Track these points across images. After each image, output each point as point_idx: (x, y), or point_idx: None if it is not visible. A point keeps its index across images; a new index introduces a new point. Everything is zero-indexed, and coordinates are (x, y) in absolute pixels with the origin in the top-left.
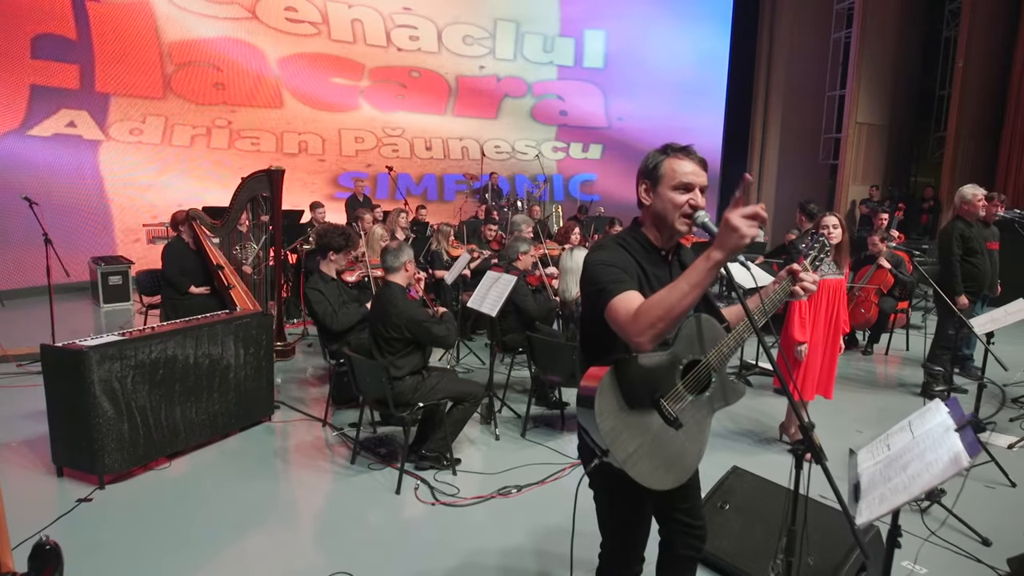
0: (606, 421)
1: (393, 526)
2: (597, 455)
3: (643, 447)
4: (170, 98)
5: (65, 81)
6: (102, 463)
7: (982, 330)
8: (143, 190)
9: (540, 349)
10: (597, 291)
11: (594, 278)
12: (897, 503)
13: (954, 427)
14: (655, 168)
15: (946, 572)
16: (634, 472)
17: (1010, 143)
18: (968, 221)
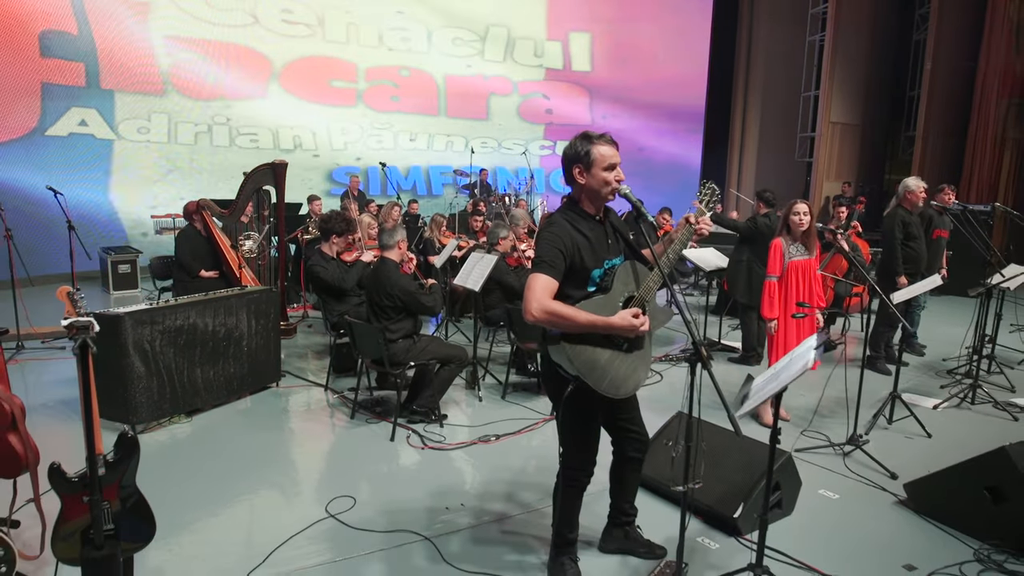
0: (574, 353)
1: (388, 465)
2: (569, 382)
3: (602, 368)
4: (170, 94)
5: (73, 78)
6: (134, 414)
7: (898, 300)
8: (151, 183)
9: (518, 320)
10: (536, 259)
11: (538, 249)
12: (766, 395)
13: (814, 346)
14: (587, 154)
15: (854, 498)
16: (600, 387)
17: (975, 142)
18: (909, 209)
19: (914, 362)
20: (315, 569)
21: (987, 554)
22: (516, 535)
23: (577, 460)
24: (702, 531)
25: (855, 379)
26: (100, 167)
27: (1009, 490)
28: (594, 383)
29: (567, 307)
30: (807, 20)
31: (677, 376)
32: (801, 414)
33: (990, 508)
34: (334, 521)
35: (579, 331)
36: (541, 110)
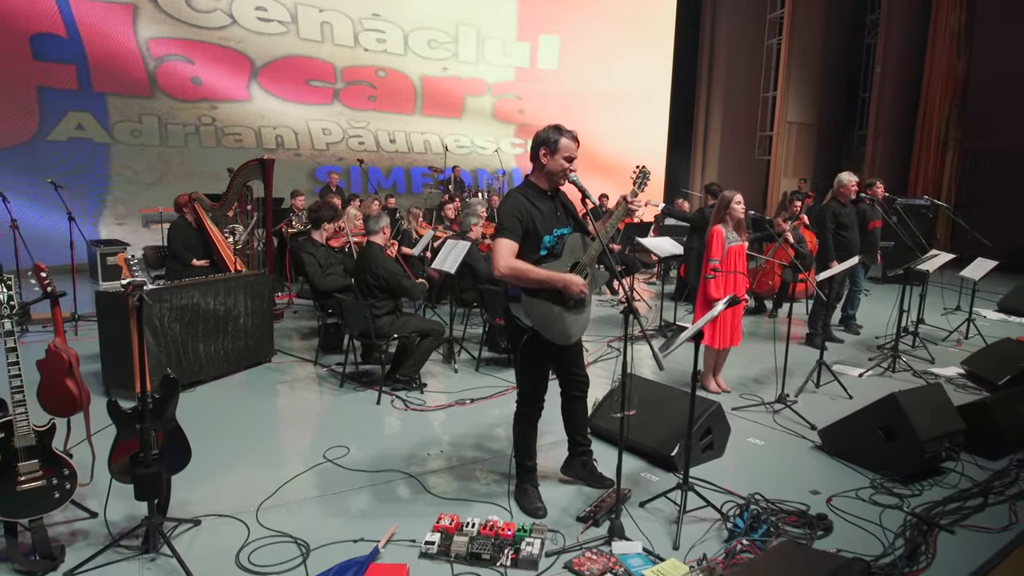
0: (530, 307)
1: (375, 422)
2: (526, 331)
3: (553, 319)
4: (158, 95)
5: (66, 82)
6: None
7: (820, 279)
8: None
9: (489, 298)
10: (498, 226)
11: (499, 218)
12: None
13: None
14: (556, 142)
15: (778, 444)
16: (550, 335)
17: (921, 141)
18: (841, 202)
19: (850, 340)
20: (316, 499)
21: (880, 482)
22: (487, 473)
23: (531, 396)
24: (645, 468)
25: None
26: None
27: (898, 429)
28: (546, 332)
29: (528, 265)
30: (765, 24)
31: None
32: (742, 382)
33: (883, 445)
34: (331, 464)
35: (537, 286)
36: (514, 110)
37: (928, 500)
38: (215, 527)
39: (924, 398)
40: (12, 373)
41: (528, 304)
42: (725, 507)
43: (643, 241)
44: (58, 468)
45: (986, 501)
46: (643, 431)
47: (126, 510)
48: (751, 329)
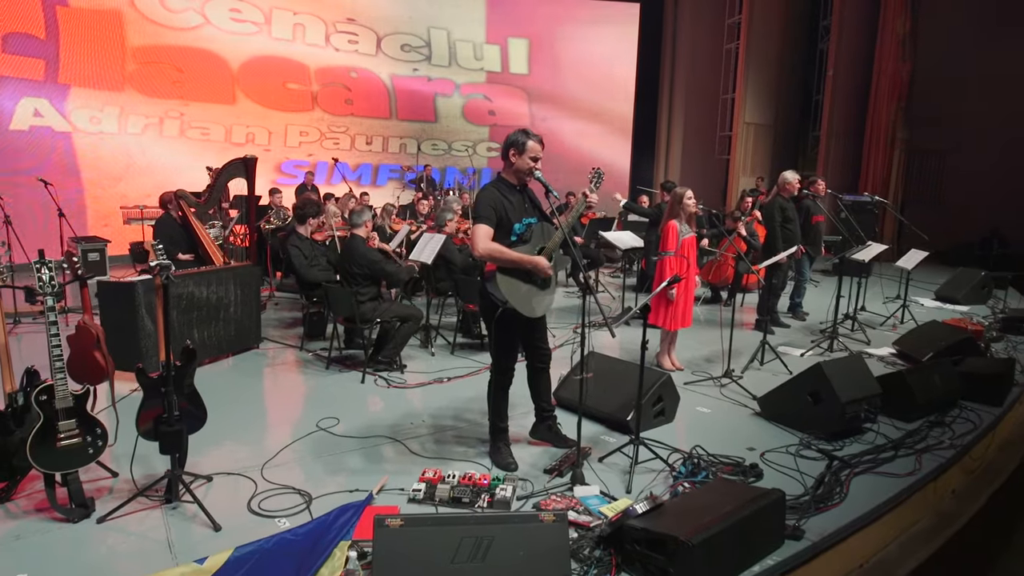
0: (504, 284)
1: (361, 398)
2: (500, 305)
3: (523, 296)
4: (128, 91)
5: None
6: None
7: (764, 264)
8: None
9: (463, 286)
10: (475, 215)
11: (476, 208)
12: (632, 312)
13: (665, 283)
14: (523, 144)
15: (722, 412)
16: (520, 308)
17: (870, 141)
18: (786, 198)
19: (796, 325)
20: (313, 460)
21: (807, 441)
22: (463, 438)
23: (504, 364)
24: (604, 432)
25: (740, 336)
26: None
27: (823, 394)
28: (517, 305)
29: (502, 247)
30: (724, 29)
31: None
32: (695, 361)
33: (811, 408)
34: (324, 432)
35: (509, 266)
36: (484, 111)
37: (848, 454)
38: (225, 482)
39: (846, 367)
40: (53, 344)
41: (502, 281)
42: (671, 458)
43: (606, 235)
44: (92, 428)
45: (896, 453)
46: (602, 400)
47: (144, 470)
48: (707, 316)
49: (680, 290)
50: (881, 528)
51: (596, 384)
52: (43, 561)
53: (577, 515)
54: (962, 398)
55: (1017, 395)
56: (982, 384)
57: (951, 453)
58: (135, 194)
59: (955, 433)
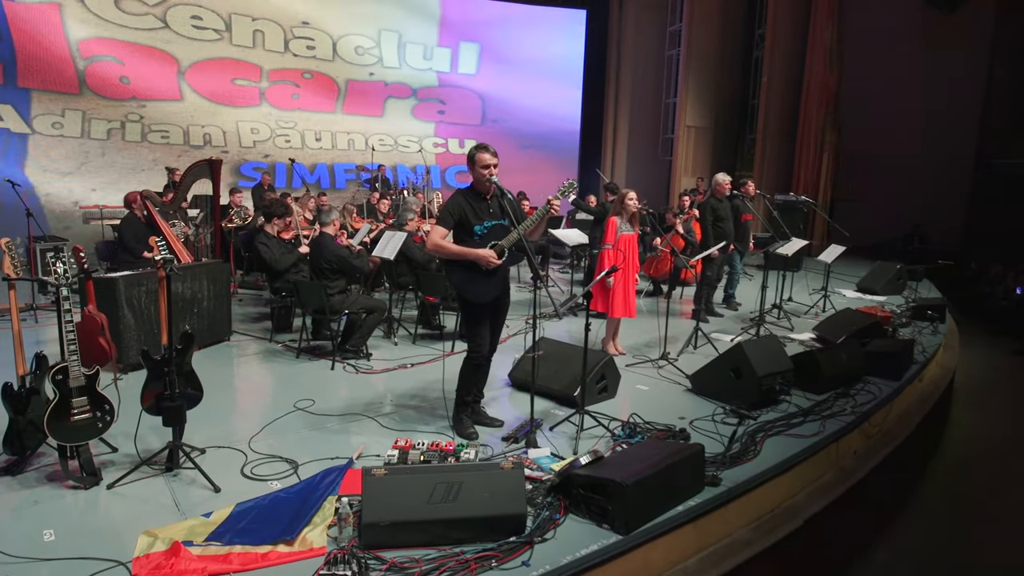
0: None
1: (332, 383)
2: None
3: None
4: (85, 93)
5: None
6: (127, 357)
7: (695, 257)
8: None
9: (424, 280)
10: (438, 216)
11: (441, 210)
12: (577, 297)
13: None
14: (474, 157)
15: (659, 390)
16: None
17: (801, 144)
18: (718, 198)
19: (729, 315)
20: (295, 434)
21: (730, 409)
22: (427, 413)
23: (478, 345)
24: (554, 406)
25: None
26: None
27: (743, 370)
28: (464, 292)
29: (447, 243)
30: (666, 36)
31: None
32: (636, 347)
33: (734, 382)
34: (301, 412)
35: (455, 258)
36: (434, 110)
37: (763, 420)
38: (217, 454)
39: (763, 346)
40: (68, 329)
41: (449, 271)
42: (612, 425)
43: (555, 232)
44: (101, 404)
45: (805, 419)
46: (552, 379)
47: (142, 445)
48: (649, 308)
49: (620, 281)
50: (789, 480)
51: (546, 365)
52: (63, 520)
53: (531, 472)
54: (866, 374)
55: (915, 371)
56: (884, 362)
57: (852, 419)
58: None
59: (857, 403)
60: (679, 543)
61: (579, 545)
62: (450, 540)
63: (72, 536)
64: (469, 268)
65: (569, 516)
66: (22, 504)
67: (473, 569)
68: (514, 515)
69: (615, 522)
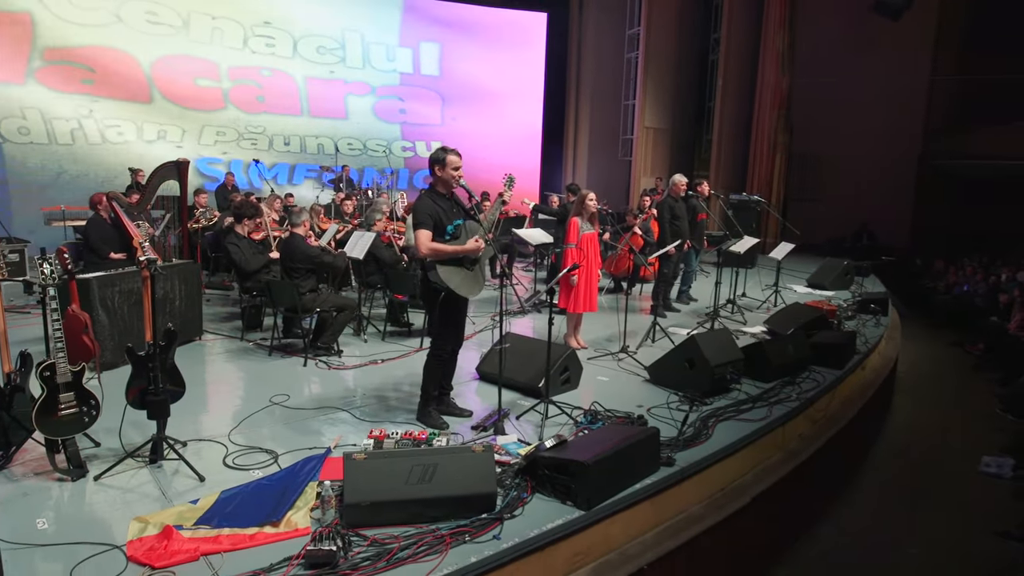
0: (444, 274)
1: (305, 378)
2: (442, 291)
3: (460, 281)
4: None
5: None
6: (101, 356)
7: (651, 256)
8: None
9: (393, 279)
10: (416, 222)
11: (416, 216)
12: (541, 292)
13: (567, 269)
14: (444, 160)
15: (619, 381)
16: (459, 290)
17: (755, 145)
18: (674, 197)
19: (686, 310)
20: (273, 427)
21: (684, 396)
22: (400, 407)
23: (444, 341)
24: (520, 397)
25: (637, 319)
26: None
27: (696, 360)
28: (456, 288)
29: (440, 244)
30: (625, 40)
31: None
32: (598, 341)
33: (688, 372)
34: (277, 406)
35: (448, 258)
36: (396, 111)
37: (716, 407)
38: (199, 446)
39: (714, 338)
40: (55, 327)
41: (443, 271)
42: (574, 413)
43: (519, 232)
44: (87, 399)
45: (754, 405)
46: (518, 371)
47: (126, 440)
48: (610, 304)
49: (582, 278)
50: (739, 461)
51: (512, 359)
52: (54, 510)
53: (500, 456)
54: (812, 363)
55: (857, 361)
56: (828, 352)
57: (797, 405)
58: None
59: (802, 390)
60: (637, 518)
61: (545, 520)
62: (426, 518)
63: (65, 524)
64: (459, 266)
65: (536, 495)
66: (12, 496)
67: (448, 543)
68: (485, 494)
69: (578, 499)
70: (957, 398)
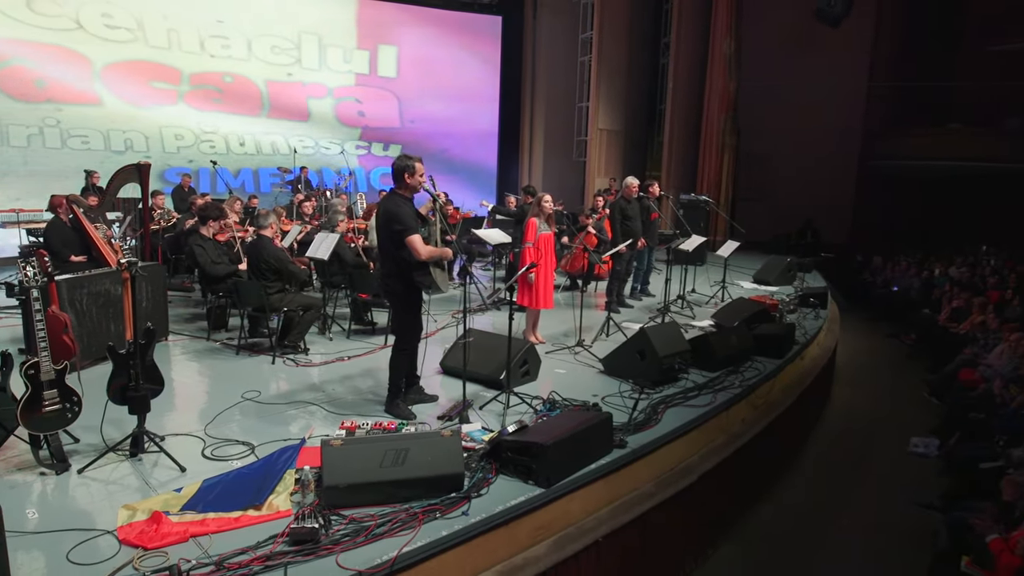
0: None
1: (274, 376)
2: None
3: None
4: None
5: None
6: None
7: (605, 255)
8: None
9: (356, 278)
10: (404, 228)
11: (401, 222)
12: (502, 288)
13: (525, 268)
14: (413, 167)
15: (576, 372)
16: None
17: (704, 146)
18: (627, 199)
19: (638, 305)
20: (247, 421)
21: (635, 385)
22: (368, 400)
23: (411, 337)
24: (482, 389)
25: (592, 315)
26: None
27: (646, 351)
28: (440, 284)
29: (433, 247)
30: (578, 43)
31: (478, 322)
32: (555, 336)
33: (639, 362)
34: (249, 402)
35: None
36: (355, 113)
37: (665, 394)
38: (177, 440)
39: (663, 330)
40: (39, 328)
41: (433, 271)
42: (534, 402)
43: (478, 232)
44: (69, 396)
45: (700, 393)
46: (480, 365)
47: (105, 436)
48: (566, 301)
49: (539, 276)
50: (686, 443)
51: (474, 353)
52: (42, 502)
53: (466, 443)
54: (754, 354)
55: (797, 351)
56: (769, 343)
57: (739, 392)
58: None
59: (745, 378)
60: (593, 495)
61: (509, 498)
62: (400, 498)
63: (54, 514)
64: (437, 266)
65: (500, 476)
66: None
67: (420, 520)
68: (454, 474)
69: (539, 478)
70: (890, 385)
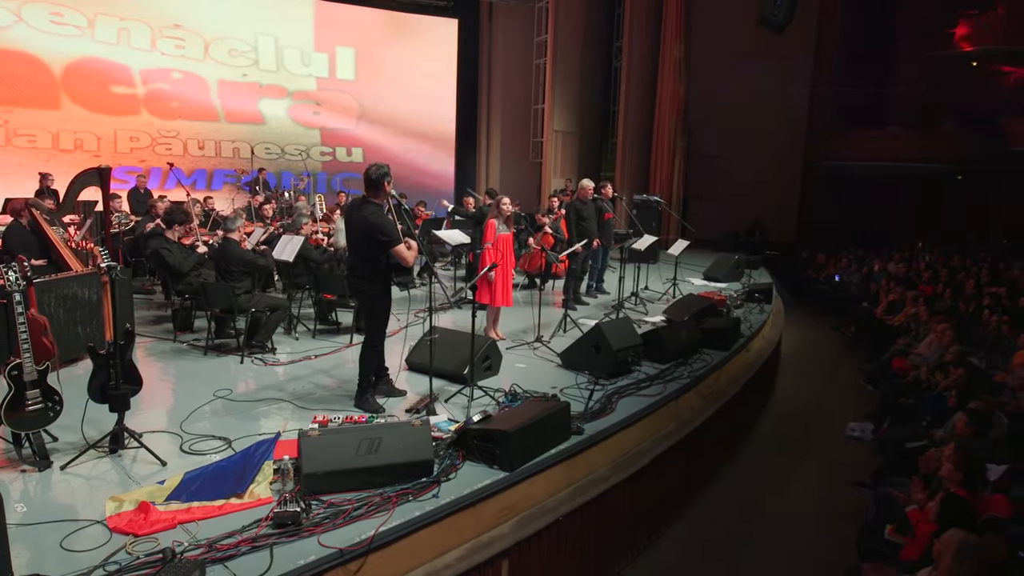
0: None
1: (244, 375)
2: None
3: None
4: None
5: None
6: None
7: (562, 254)
8: None
9: (321, 279)
10: (391, 237)
11: (385, 231)
12: (464, 288)
13: (487, 268)
14: (389, 175)
15: (535, 366)
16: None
17: (656, 148)
18: (582, 200)
19: (594, 303)
20: (221, 418)
21: (591, 377)
22: (335, 395)
23: (381, 334)
24: (447, 384)
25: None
26: None
27: (601, 345)
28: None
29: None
30: (533, 46)
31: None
32: (515, 333)
33: (594, 356)
34: (222, 400)
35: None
36: (310, 112)
37: (619, 385)
38: (155, 437)
39: (617, 325)
40: (21, 329)
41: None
42: (496, 394)
43: (438, 233)
44: (51, 396)
45: (651, 383)
46: (445, 361)
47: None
48: (525, 299)
49: (499, 275)
50: (639, 430)
51: (439, 349)
52: (28, 497)
53: (434, 433)
54: (702, 346)
55: (742, 344)
56: (716, 336)
57: (688, 382)
58: None
59: (693, 369)
60: (553, 478)
61: (476, 481)
62: (374, 484)
63: (42, 508)
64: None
65: (467, 462)
66: None
67: (394, 503)
68: (424, 461)
69: (502, 462)
70: (831, 374)
